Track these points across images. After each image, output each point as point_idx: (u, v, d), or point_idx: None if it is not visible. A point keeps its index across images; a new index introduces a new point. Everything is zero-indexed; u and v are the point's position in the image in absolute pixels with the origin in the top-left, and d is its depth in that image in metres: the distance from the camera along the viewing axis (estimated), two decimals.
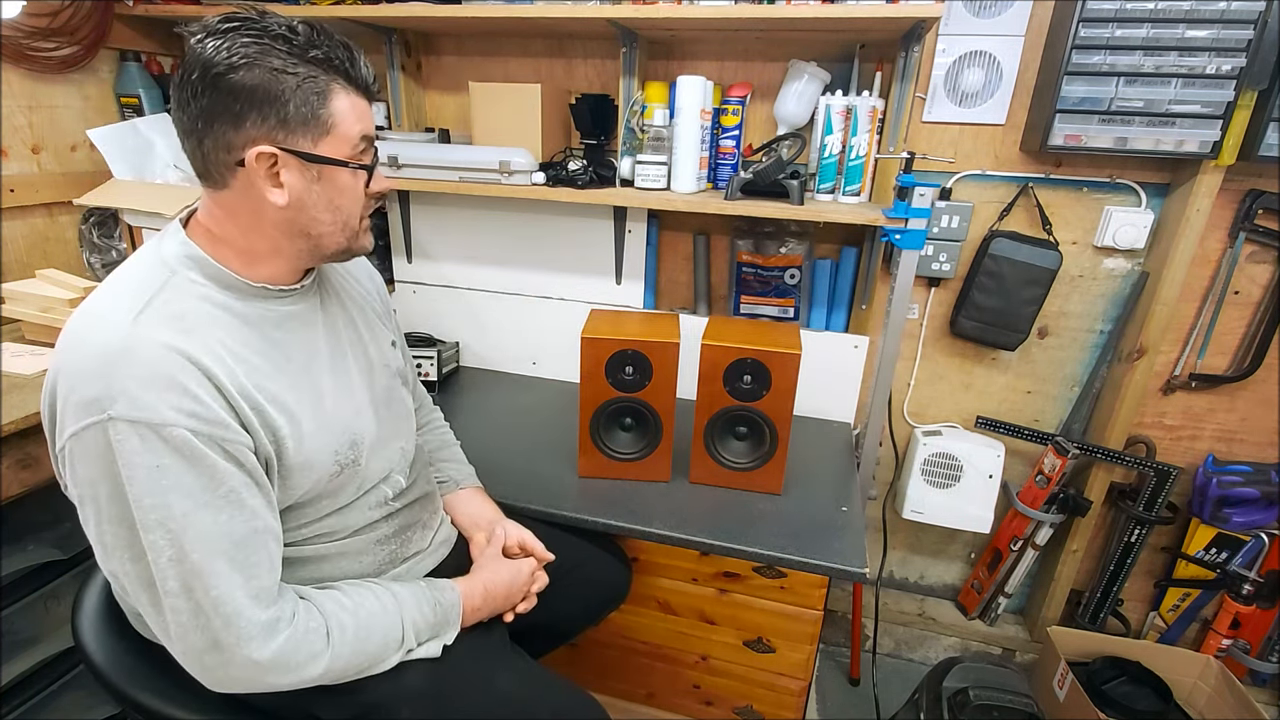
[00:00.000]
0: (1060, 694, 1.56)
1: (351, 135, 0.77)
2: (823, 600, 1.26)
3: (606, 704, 1.03)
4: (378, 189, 0.84)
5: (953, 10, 1.38)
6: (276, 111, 0.72)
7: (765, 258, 1.59)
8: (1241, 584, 1.54)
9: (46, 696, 1.32)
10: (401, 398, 1.02)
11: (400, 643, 0.85)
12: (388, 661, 0.84)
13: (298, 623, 0.76)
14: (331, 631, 0.79)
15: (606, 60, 1.59)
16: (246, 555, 0.73)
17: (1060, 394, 1.65)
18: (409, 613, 0.86)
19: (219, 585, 0.70)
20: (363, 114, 0.79)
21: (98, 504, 0.69)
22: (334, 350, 0.89)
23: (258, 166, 0.73)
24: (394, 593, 0.87)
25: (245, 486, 0.73)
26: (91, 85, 1.61)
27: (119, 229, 1.57)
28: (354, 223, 0.83)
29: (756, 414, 1.24)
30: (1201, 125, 1.27)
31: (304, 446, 0.79)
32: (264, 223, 0.77)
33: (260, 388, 0.76)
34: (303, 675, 0.77)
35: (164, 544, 0.69)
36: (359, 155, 0.79)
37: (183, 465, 0.69)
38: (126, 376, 0.67)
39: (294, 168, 0.75)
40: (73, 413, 0.67)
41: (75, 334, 0.71)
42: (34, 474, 1.19)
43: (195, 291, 0.75)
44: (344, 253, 0.84)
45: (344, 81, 0.76)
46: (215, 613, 0.70)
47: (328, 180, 0.77)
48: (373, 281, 1.07)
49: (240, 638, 0.72)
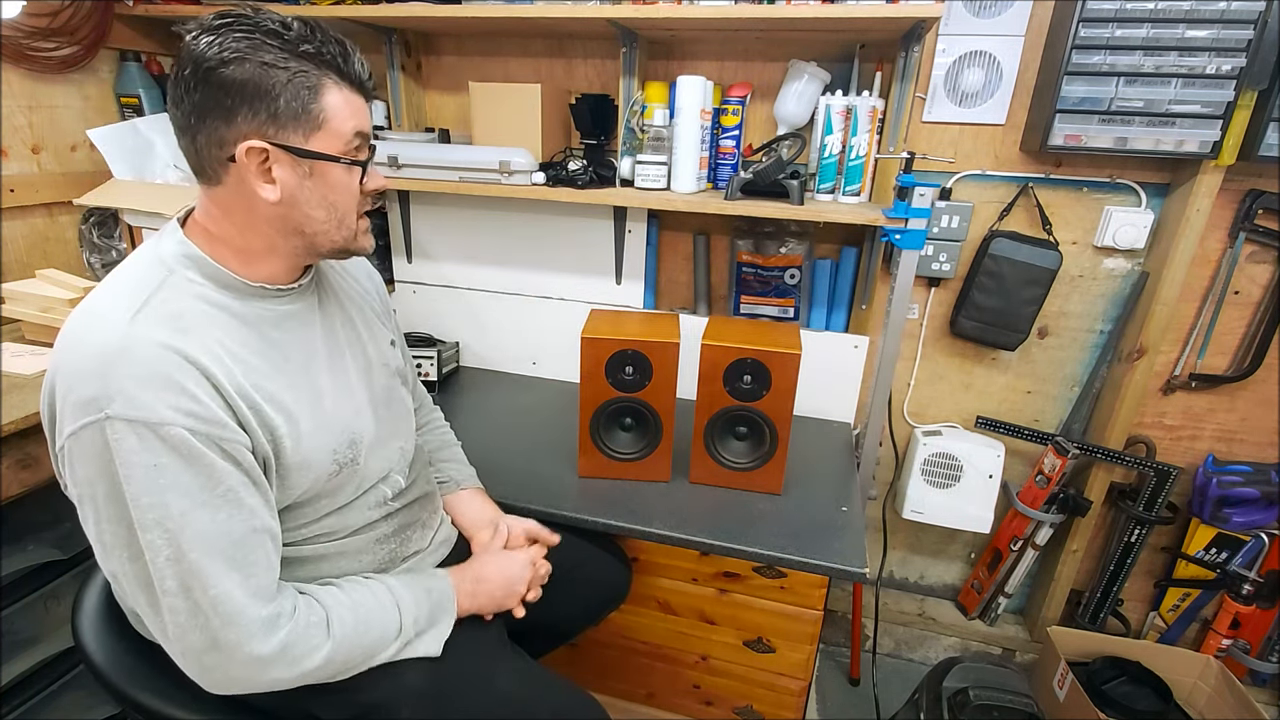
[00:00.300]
0: (1060, 694, 1.56)
1: (344, 131, 0.77)
2: (823, 600, 1.26)
3: (606, 704, 1.03)
4: (374, 187, 0.83)
5: (953, 10, 1.38)
6: (267, 106, 0.71)
7: (765, 258, 1.59)
8: (1241, 584, 1.54)
9: (46, 696, 1.32)
10: (401, 397, 1.02)
11: (398, 632, 0.85)
12: (385, 653, 0.84)
13: (299, 616, 0.77)
14: (332, 624, 0.79)
15: (606, 60, 1.59)
16: (245, 554, 0.73)
17: (1060, 394, 1.65)
18: (404, 602, 0.87)
19: (218, 584, 0.70)
20: (357, 110, 0.78)
21: (96, 503, 0.69)
22: (332, 350, 0.89)
23: (249, 162, 0.73)
24: (387, 585, 0.87)
25: (243, 486, 0.73)
26: (91, 85, 1.62)
27: (119, 229, 1.57)
28: (350, 220, 0.82)
29: (756, 414, 1.24)
30: (1201, 125, 1.27)
31: (302, 446, 0.79)
32: (258, 220, 0.77)
33: (258, 387, 0.76)
34: (304, 669, 0.77)
35: (161, 543, 0.69)
36: (353, 151, 0.79)
37: (180, 464, 0.68)
38: (124, 376, 0.67)
39: (285, 163, 0.74)
40: (71, 412, 0.67)
41: (73, 334, 0.71)
42: (34, 474, 1.19)
43: (193, 291, 0.75)
44: (341, 251, 0.84)
45: (336, 77, 0.76)
46: (214, 612, 0.70)
47: (320, 176, 0.77)
48: (371, 280, 1.07)
49: (242, 636, 0.72)
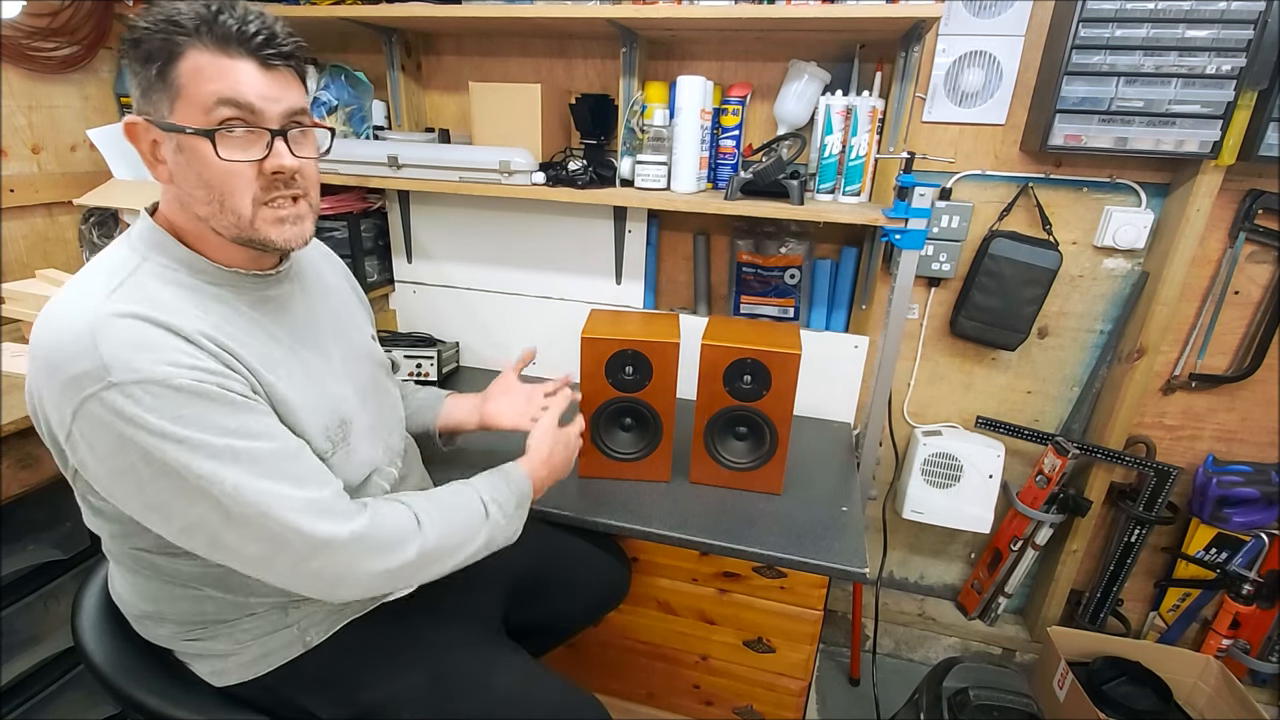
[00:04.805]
0: (1060, 694, 1.56)
1: (200, 97, 0.68)
2: (823, 600, 1.26)
3: (606, 704, 1.03)
4: (272, 166, 0.73)
5: (953, 10, 1.38)
6: (142, 79, 0.70)
7: (765, 258, 1.59)
8: (1241, 584, 1.54)
9: (46, 696, 1.32)
10: (388, 388, 1.03)
11: (485, 515, 0.88)
12: (479, 535, 0.87)
13: (381, 505, 0.80)
14: (418, 513, 0.82)
15: (606, 60, 1.59)
16: (307, 466, 0.75)
17: (1060, 394, 1.65)
18: (484, 490, 0.90)
19: (292, 494, 0.71)
20: (222, 72, 0.69)
21: (136, 471, 0.67)
22: (316, 336, 0.88)
23: (136, 141, 0.72)
24: (463, 481, 0.92)
25: (267, 414, 0.74)
26: (91, 85, 1.62)
27: (119, 229, 1.57)
28: (234, 204, 0.72)
29: (756, 414, 1.24)
30: (1201, 125, 1.27)
31: (294, 416, 0.78)
32: (175, 203, 0.76)
33: (248, 351, 0.75)
34: (405, 554, 0.78)
35: (225, 473, 0.68)
36: (218, 121, 0.69)
37: (202, 404, 0.68)
38: (115, 345, 0.65)
39: (162, 139, 0.72)
40: (65, 392, 0.65)
41: (49, 319, 0.69)
42: (34, 474, 1.19)
43: (166, 276, 0.74)
44: (249, 242, 0.75)
45: (201, 38, 0.68)
46: (302, 514, 0.71)
47: (189, 152, 0.71)
48: (347, 279, 1.06)
49: (334, 526, 0.73)
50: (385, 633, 0.92)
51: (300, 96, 0.76)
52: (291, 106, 0.74)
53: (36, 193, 1.51)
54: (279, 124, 0.73)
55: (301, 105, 0.76)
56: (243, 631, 0.85)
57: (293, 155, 0.74)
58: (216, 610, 0.83)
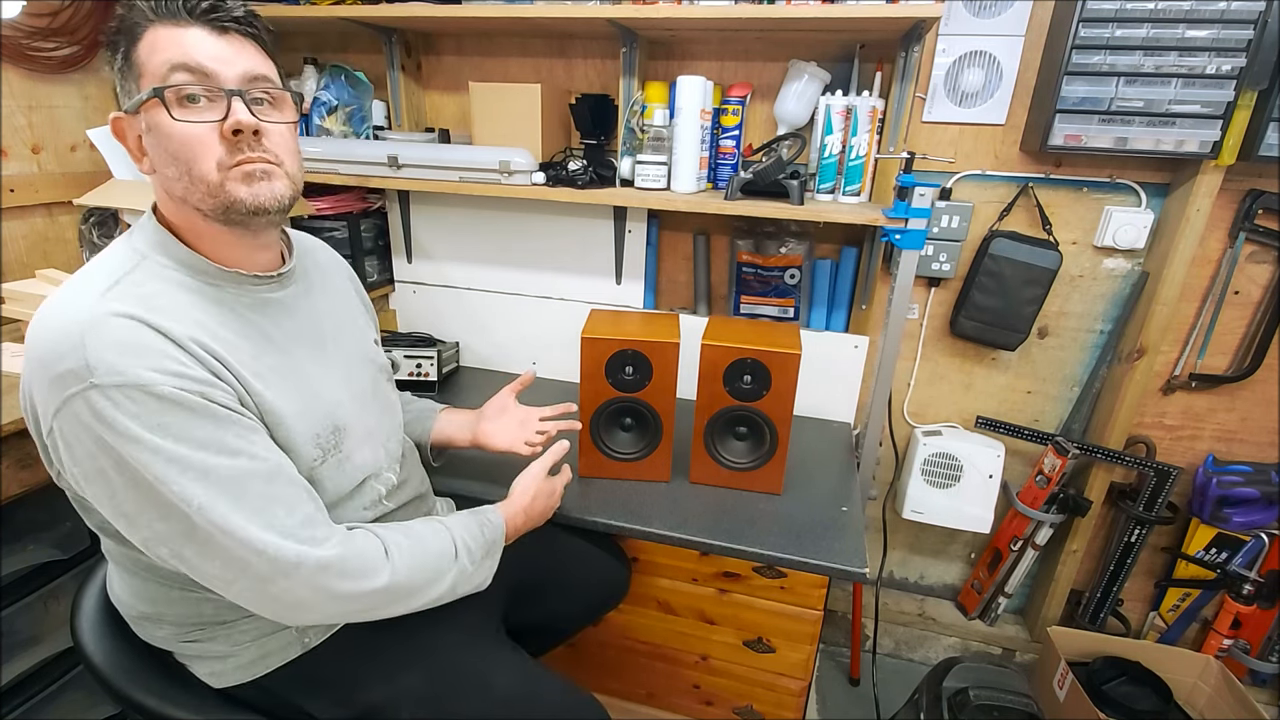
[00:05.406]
0: (1060, 694, 1.56)
1: (156, 67, 0.69)
2: (823, 600, 1.26)
3: (606, 704, 1.03)
4: (229, 124, 0.71)
5: (953, 10, 1.38)
6: (116, 73, 0.71)
7: (765, 258, 1.59)
8: (1241, 584, 1.54)
9: (46, 697, 1.32)
10: (387, 393, 1.02)
11: (454, 557, 0.87)
12: (445, 578, 0.85)
13: (354, 534, 0.79)
14: (389, 547, 0.81)
15: (606, 60, 1.59)
16: (281, 489, 0.73)
17: (1060, 394, 1.65)
18: (458, 532, 0.89)
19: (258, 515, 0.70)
20: (173, 41, 0.69)
21: (107, 477, 0.67)
22: (317, 340, 0.88)
23: (122, 139, 0.73)
24: (440, 520, 0.90)
25: (249, 430, 0.72)
26: (91, 85, 1.62)
27: (119, 229, 1.57)
28: (199, 169, 0.71)
29: (756, 414, 1.24)
30: (1201, 125, 1.27)
31: (283, 426, 0.78)
32: (163, 194, 0.76)
33: (239, 361, 0.74)
34: (371, 584, 0.77)
35: (193, 490, 0.67)
36: (172, 87, 0.69)
37: (184, 415, 0.67)
38: (102, 346, 0.65)
39: (141, 131, 0.72)
40: (51, 389, 0.65)
41: (44, 316, 0.69)
42: (34, 474, 1.19)
43: (165, 275, 0.74)
44: (221, 212, 0.73)
45: (156, 17, 0.69)
46: (266, 537, 0.70)
47: (155, 129, 0.71)
48: (352, 282, 1.06)
49: (300, 550, 0.72)
50: (384, 633, 0.91)
51: (262, 63, 0.75)
52: (249, 70, 0.73)
53: (36, 193, 1.51)
54: (236, 85, 0.72)
55: (262, 71, 0.75)
56: (241, 633, 0.84)
57: (251, 114, 0.72)
58: (214, 612, 0.83)
